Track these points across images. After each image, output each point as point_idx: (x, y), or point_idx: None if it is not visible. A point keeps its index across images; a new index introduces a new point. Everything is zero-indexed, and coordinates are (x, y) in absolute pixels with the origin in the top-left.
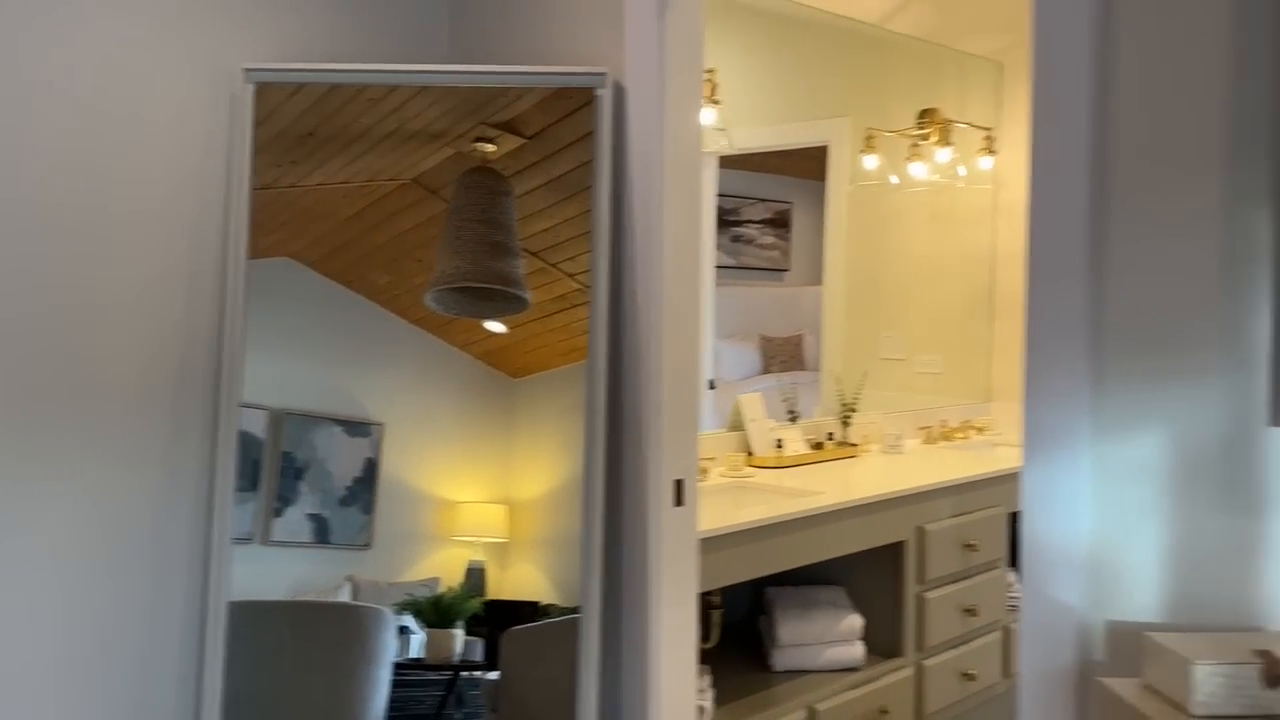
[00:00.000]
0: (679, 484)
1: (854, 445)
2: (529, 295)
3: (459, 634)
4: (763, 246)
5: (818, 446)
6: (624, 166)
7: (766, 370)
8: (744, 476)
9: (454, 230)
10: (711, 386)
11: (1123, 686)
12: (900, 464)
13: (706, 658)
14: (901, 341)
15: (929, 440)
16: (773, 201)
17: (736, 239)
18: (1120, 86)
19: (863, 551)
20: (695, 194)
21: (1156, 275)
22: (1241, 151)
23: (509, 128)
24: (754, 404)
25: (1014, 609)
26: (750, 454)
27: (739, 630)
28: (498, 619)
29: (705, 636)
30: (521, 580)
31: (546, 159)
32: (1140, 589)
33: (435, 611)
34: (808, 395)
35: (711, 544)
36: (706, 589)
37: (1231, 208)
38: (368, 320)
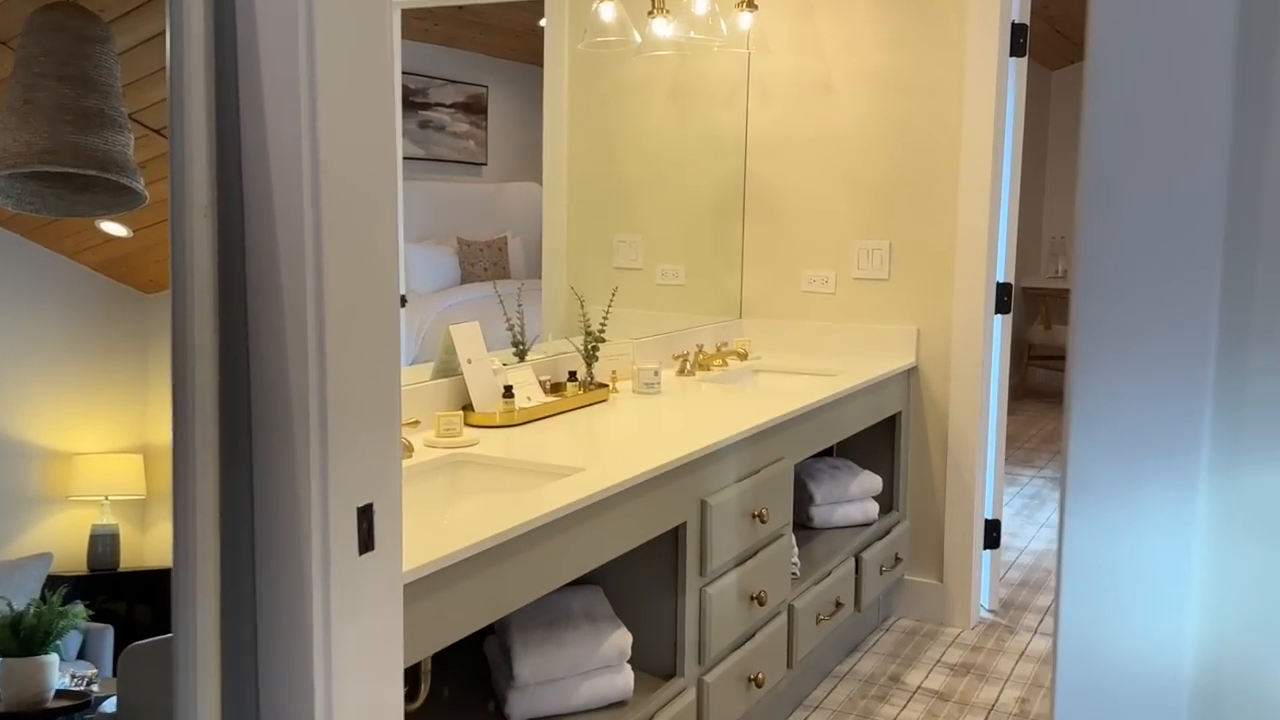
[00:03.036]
0: (366, 513)
1: (603, 386)
2: (142, 186)
3: (51, 662)
4: (456, 135)
5: (556, 389)
6: None
7: (466, 279)
8: (464, 445)
9: (22, 90)
10: (403, 303)
11: None
12: (663, 409)
13: None
14: (639, 248)
15: (683, 372)
16: (466, 84)
17: (425, 125)
18: None
19: None
20: (379, 30)
21: None
22: None
23: None
24: (471, 338)
25: (796, 577)
26: (468, 408)
27: (453, 656)
28: (140, 592)
29: (412, 695)
30: (169, 543)
31: None
32: None
33: (13, 637)
34: (527, 313)
35: (424, 586)
36: (416, 659)
37: None
38: None
